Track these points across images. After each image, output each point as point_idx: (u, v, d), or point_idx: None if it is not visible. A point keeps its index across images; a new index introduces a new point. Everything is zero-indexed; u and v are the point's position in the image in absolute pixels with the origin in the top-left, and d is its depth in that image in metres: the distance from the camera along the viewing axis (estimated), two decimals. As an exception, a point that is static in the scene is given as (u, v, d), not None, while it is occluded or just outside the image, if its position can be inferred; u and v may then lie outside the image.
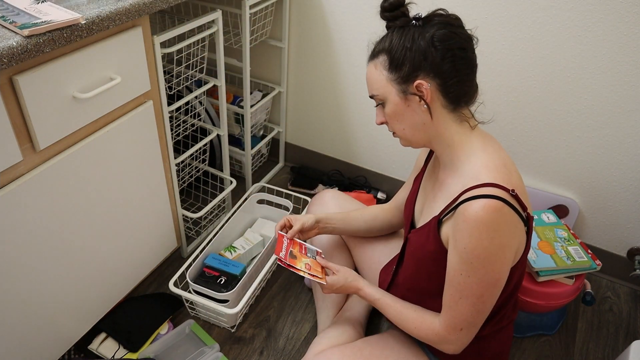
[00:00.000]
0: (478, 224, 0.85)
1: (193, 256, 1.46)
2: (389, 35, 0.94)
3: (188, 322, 1.41)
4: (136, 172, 1.26)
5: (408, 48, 0.90)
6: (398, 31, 0.93)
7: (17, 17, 0.91)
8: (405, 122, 0.96)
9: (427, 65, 0.90)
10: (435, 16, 0.92)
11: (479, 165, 0.92)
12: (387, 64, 0.93)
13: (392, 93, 0.94)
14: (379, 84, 0.95)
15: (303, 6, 1.70)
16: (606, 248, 1.64)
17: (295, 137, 2.04)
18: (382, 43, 0.95)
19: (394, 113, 0.96)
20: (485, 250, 0.86)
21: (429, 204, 1.05)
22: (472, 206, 0.86)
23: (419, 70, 0.90)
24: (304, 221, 1.25)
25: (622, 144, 1.45)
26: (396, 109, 0.95)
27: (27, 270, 1.05)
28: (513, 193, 0.87)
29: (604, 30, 1.31)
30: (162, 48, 1.22)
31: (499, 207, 0.85)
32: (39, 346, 1.16)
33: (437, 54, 0.89)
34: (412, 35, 0.90)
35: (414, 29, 0.91)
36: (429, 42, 0.89)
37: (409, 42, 0.90)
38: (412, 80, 0.91)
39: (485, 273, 0.88)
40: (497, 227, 0.86)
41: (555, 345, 1.46)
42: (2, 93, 0.89)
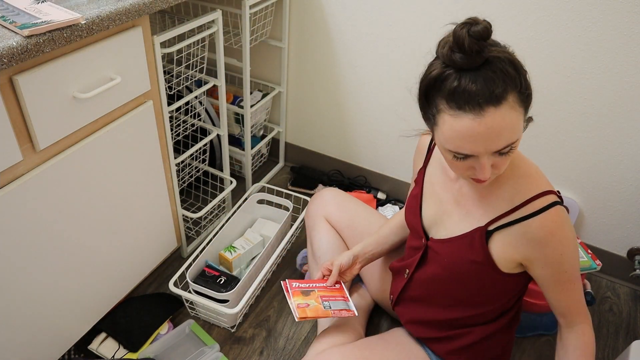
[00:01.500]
0: (559, 234, 0.89)
1: (193, 256, 1.46)
2: (490, 72, 0.78)
3: (188, 322, 1.41)
4: (136, 172, 1.26)
5: (528, 82, 0.82)
6: (501, 63, 0.79)
7: (17, 17, 0.91)
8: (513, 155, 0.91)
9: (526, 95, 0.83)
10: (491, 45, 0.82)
11: (522, 175, 0.92)
12: (518, 100, 0.80)
13: (521, 126, 0.83)
14: (517, 126, 0.81)
15: (303, 6, 1.70)
16: (606, 248, 1.64)
17: (295, 137, 2.04)
18: (498, 83, 0.78)
19: (516, 149, 0.86)
20: (572, 245, 0.92)
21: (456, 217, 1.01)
22: (544, 223, 0.89)
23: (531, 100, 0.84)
24: (342, 262, 1.21)
25: (622, 144, 1.45)
26: (517, 145, 0.85)
27: (27, 270, 1.05)
28: (559, 194, 0.93)
29: (604, 30, 1.31)
30: (162, 48, 1.22)
31: (560, 210, 0.90)
32: (39, 346, 1.16)
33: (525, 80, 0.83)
34: (515, 64, 0.81)
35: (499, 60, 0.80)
36: (521, 70, 0.81)
37: (519, 70, 0.81)
38: (527, 110, 0.84)
39: (576, 258, 0.93)
40: (569, 224, 0.91)
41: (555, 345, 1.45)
42: (2, 93, 0.89)
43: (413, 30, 1.55)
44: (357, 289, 1.42)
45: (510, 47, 0.84)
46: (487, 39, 0.78)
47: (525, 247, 0.92)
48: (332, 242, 1.38)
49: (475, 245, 0.96)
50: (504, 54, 0.80)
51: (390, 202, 1.88)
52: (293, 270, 1.63)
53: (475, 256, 0.96)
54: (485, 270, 0.97)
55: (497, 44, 0.83)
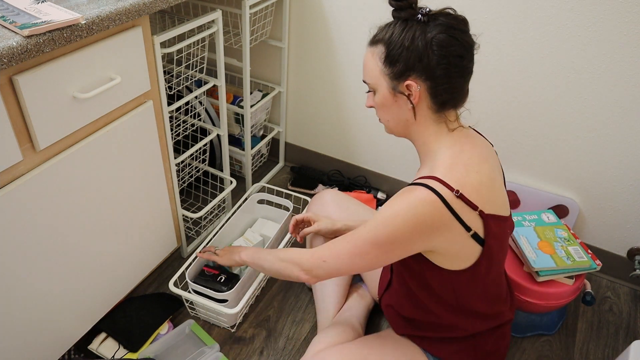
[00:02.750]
0: (402, 197, 0.91)
1: (193, 256, 1.46)
2: (392, 25, 0.93)
3: (188, 322, 1.41)
4: (136, 172, 1.26)
5: (405, 47, 0.90)
6: (402, 24, 0.91)
7: (17, 17, 0.91)
8: (391, 115, 0.99)
9: (420, 67, 0.90)
10: (442, 15, 0.91)
11: (438, 162, 0.95)
12: (384, 56, 0.93)
13: (383, 85, 0.95)
14: (372, 73, 0.96)
15: (303, 6, 1.70)
16: (606, 248, 1.64)
17: (295, 137, 2.04)
18: (383, 32, 0.94)
19: (382, 104, 0.98)
20: (392, 219, 0.91)
21: None
22: (411, 187, 0.92)
23: (412, 70, 0.91)
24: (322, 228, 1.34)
25: (622, 144, 1.45)
26: (384, 101, 0.97)
27: (27, 270, 1.05)
28: (457, 194, 0.89)
29: (604, 30, 1.31)
30: (162, 48, 1.22)
31: (430, 199, 0.89)
32: (39, 346, 1.16)
33: (433, 58, 0.89)
34: (413, 33, 0.89)
35: (416, 26, 0.90)
36: (427, 44, 0.88)
37: (408, 40, 0.90)
38: (404, 79, 0.92)
39: (380, 236, 0.93)
40: (417, 210, 0.89)
41: (555, 345, 1.46)
42: (2, 93, 0.89)
43: (413, 30, 1.55)
44: (357, 289, 1.42)
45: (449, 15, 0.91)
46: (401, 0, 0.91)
47: None
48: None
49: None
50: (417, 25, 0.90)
51: (390, 202, 1.88)
52: (293, 270, 1.63)
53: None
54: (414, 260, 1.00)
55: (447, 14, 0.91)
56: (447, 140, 0.96)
